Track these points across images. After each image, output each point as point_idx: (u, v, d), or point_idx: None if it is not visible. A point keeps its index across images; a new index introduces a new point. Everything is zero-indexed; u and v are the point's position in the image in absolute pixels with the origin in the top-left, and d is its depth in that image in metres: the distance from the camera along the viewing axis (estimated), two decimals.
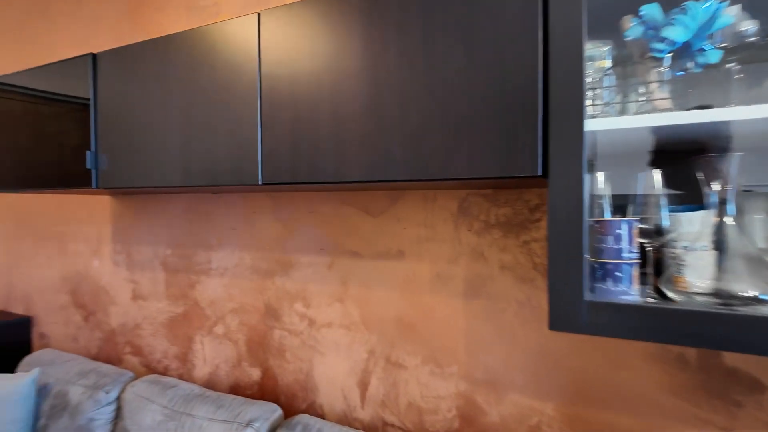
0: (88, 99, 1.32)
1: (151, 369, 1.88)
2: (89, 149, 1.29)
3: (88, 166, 1.29)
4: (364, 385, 1.44)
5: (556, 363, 1.18)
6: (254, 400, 1.45)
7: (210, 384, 1.74)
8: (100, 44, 2.00)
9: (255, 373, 1.64)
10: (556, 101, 0.76)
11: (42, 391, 1.73)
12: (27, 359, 1.88)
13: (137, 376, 1.89)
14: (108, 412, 1.63)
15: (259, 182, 1.05)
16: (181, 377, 1.81)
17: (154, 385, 1.58)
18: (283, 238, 1.57)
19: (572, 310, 0.76)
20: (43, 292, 2.22)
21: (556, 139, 0.76)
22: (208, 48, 1.15)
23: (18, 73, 1.50)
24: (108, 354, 2.00)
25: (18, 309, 2.32)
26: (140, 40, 1.75)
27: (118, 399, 1.64)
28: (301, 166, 1.01)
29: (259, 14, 1.06)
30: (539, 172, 0.80)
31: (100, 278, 2.01)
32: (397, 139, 0.92)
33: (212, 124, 1.14)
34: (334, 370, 1.49)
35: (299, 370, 1.55)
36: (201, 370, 1.76)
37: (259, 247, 1.62)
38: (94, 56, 1.31)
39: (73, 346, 2.11)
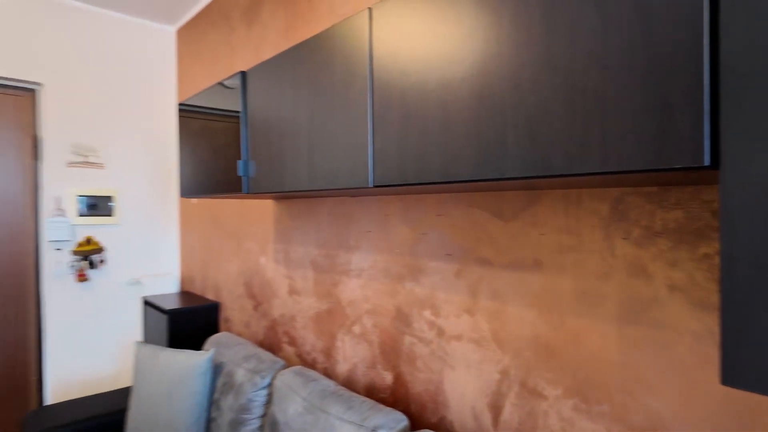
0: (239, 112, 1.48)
1: (302, 359, 2.03)
2: (240, 158, 1.44)
3: (239, 173, 1.44)
4: (496, 409, 1.29)
5: (756, 421, 0.86)
6: (383, 407, 1.42)
7: (349, 381, 1.79)
8: None
9: (388, 377, 1.62)
10: (731, 59, 0.53)
11: (217, 369, 2.01)
12: (210, 339, 2.21)
13: (288, 365, 2.07)
14: (263, 395, 1.80)
15: (370, 185, 1.01)
16: (325, 371, 1.90)
17: (298, 376, 1.69)
18: (412, 241, 1.52)
19: (760, 359, 0.52)
20: (227, 283, 2.61)
21: (733, 112, 0.53)
22: (327, 51, 1.16)
23: (195, 95, 1.78)
24: (271, 341, 2.23)
25: (210, 295, 2.78)
26: None
27: (270, 385, 1.80)
28: (408, 166, 0.93)
29: (370, 9, 1.03)
30: (706, 161, 0.57)
31: (266, 273, 2.26)
32: (510, 127, 0.77)
33: (331, 126, 1.14)
34: (464, 386, 1.37)
35: (429, 381, 1.48)
36: (342, 367, 1.82)
37: (390, 251, 1.60)
38: (243, 73, 1.46)
39: (246, 331, 2.43)
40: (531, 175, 0.73)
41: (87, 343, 2.83)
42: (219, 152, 1.65)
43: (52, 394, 2.71)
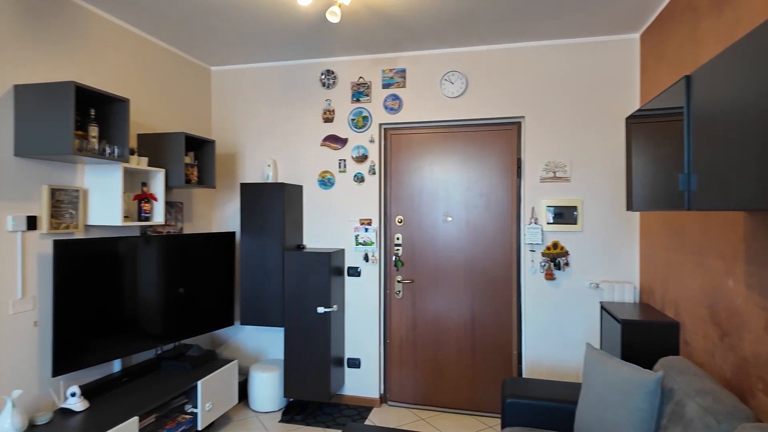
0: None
1: None
2: (682, 171, 1.31)
3: (681, 188, 1.30)
4: None
5: None
6: None
7: None
8: None
9: None
10: None
11: (666, 394, 1.87)
12: (662, 360, 2.06)
13: (759, 420, 1.63)
14: None
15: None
16: None
17: None
18: None
19: None
20: (688, 302, 2.33)
21: None
22: None
23: (651, 100, 1.72)
24: (739, 383, 1.84)
25: (670, 312, 2.56)
26: None
27: None
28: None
29: None
30: None
31: (734, 299, 1.88)
32: None
33: None
34: None
35: None
36: None
37: None
38: (687, 78, 1.30)
39: (709, 362, 2.09)
40: None
41: (551, 333, 3.26)
42: (662, 163, 1.54)
43: (526, 368, 3.31)
